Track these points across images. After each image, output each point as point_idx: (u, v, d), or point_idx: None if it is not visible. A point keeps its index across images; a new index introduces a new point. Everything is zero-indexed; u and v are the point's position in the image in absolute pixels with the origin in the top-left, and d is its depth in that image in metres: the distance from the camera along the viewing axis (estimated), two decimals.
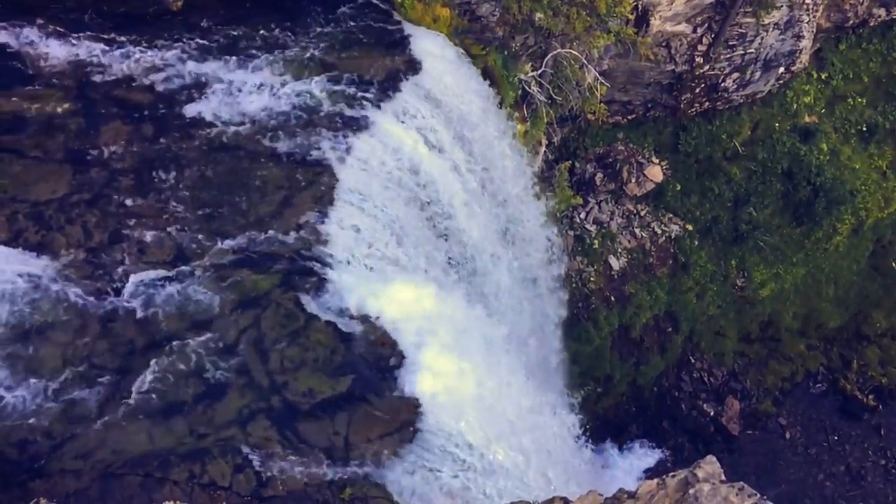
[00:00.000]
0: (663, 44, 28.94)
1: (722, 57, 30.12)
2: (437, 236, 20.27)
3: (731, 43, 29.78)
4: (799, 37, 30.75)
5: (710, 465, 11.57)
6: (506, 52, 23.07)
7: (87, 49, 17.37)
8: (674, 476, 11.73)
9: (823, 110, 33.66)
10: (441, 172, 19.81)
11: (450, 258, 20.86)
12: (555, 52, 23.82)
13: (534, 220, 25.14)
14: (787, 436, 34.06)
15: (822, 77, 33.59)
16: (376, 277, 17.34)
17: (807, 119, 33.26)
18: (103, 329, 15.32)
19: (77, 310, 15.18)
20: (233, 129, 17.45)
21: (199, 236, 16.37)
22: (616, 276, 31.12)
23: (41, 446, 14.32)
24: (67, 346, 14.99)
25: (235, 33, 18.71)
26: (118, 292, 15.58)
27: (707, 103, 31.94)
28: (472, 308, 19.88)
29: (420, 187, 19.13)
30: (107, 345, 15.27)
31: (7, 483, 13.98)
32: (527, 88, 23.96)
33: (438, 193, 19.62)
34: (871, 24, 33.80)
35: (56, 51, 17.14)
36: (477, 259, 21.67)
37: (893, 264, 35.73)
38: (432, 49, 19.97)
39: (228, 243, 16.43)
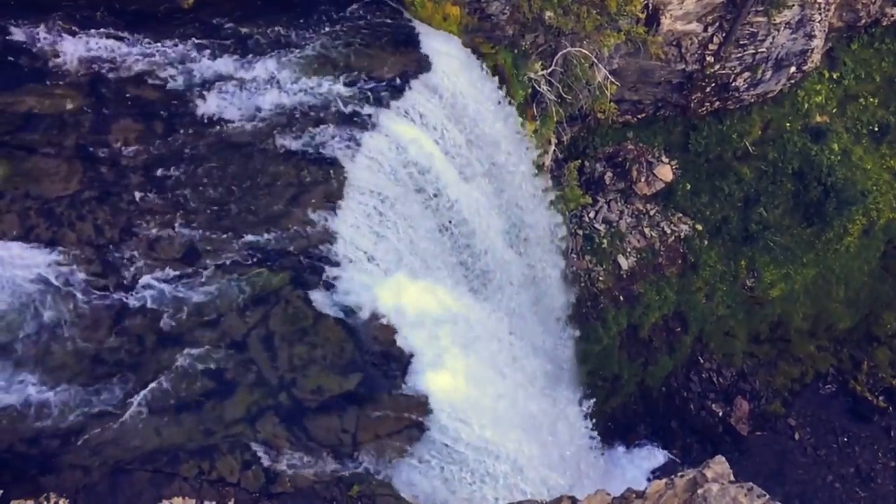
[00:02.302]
0: (674, 43, 28.84)
1: (733, 56, 29.99)
2: (446, 235, 20.27)
3: (742, 42, 29.64)
4: (810, 36, 30.58)
5: (719, 466, 11.53)
6: (516, 51, 23.04)
7: (99, 46, 17.44)
8: (682, 476, 11.71)
9: (835, 110, 33.48)
10: (449, 170, 19.81)
11: (459, 257, 20.85)
12: (565, 51, 23.77)
13: (540, 217, 25.10)
14: (797, 437, 33.93)
15: (834, 77, 33.42)
16: (386, 276, 17.35)
17: (818, 119, 33.09)
18: (113, 326, 15.39)
19: (87, 307, 15.26)
20: (243, 126, 17.49)
21: (209, 234, 16.42)
22: (625, 276, 31.05)
23: (51, 442, 14.41)
24: (78, 343, 15.07)
25: (246, 31, 18.75)
26: (128, 289, 15.64)
27: (717, 103, 31.82)
28: (481, 307, 19.87)
29: (429, 185, 19.14)
30: (117, 342, 15.34)
31: (18, 478, 14.07)
32: (536, 87, 23.92)
33: (446, 191, 19.61)
34: (884, 23, 33.61)
35: (68, 48, 17.22)
36: (486, 257, 21.65)
37: None
38: (442, 47, 19.96)
39: (238, 241, 16.47)
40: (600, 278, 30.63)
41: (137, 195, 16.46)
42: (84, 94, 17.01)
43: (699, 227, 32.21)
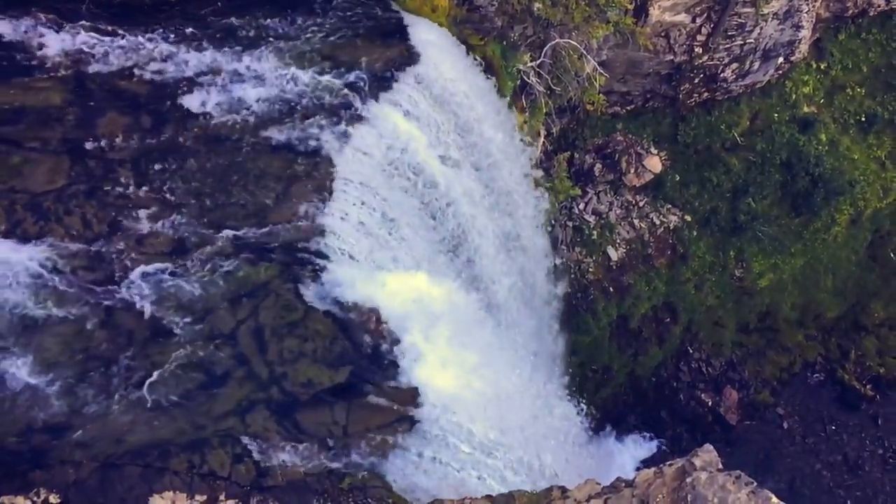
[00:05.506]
0: (662, 34, 28.87)
1: (721, 47, 30.05)
2: (436, 227, 20.27)
3: (730, 33, 29.70)
4: (798, 27, 30.67)
5: (707, 454, 11.64)
6: (504, 43, 23.00)
7: (84, 39, 17.31)
8: (671, 465, 11.81)
9: (822, 100, 33.62)
10: (438, 161, 19.79)
11: (450, 249, 20.87)
12: (554, 43, 23.76)
13: (529, 208, 25.14)
14: (785, 426, 34.19)
15: (822, 67, 33.53)
16: (375, 268, 17.36)
17: (806, 109, 33.22)
18: (103, 320, 15.34)
19: (76, 301, 15.20)
20: (231, 119, 17.42)
21: (198, 227, 16.37)
22: (615, 267, 31.14)
23: (41, 437, 14.37)
24: (67, 338, 15.01)
25: (233, 23, 18.65)
26: (117, 283, 15.59)
27: (706, 94, 31.90)
28: (471, 298, 19.90)
29: (418, 177, 19.12)
30: (106, 336, 15.29)
31: (8, 474, 14.03)
32: (525, 79, 23.91)
33: (436, 182, 19.60)
34: (871, 13, 33.73)
35: (54, 41, 17.08)
36: (475, 249, 21.67)
37: (892, 254, 35.76)
38: (430, 39, 19.91)
39: (227, 234, 16.43)
40: (590, 269, 30.70)
41: (125, 189, 16.39)
42: (70, 88, 16.89)
43: (688, 217, 32.32)
